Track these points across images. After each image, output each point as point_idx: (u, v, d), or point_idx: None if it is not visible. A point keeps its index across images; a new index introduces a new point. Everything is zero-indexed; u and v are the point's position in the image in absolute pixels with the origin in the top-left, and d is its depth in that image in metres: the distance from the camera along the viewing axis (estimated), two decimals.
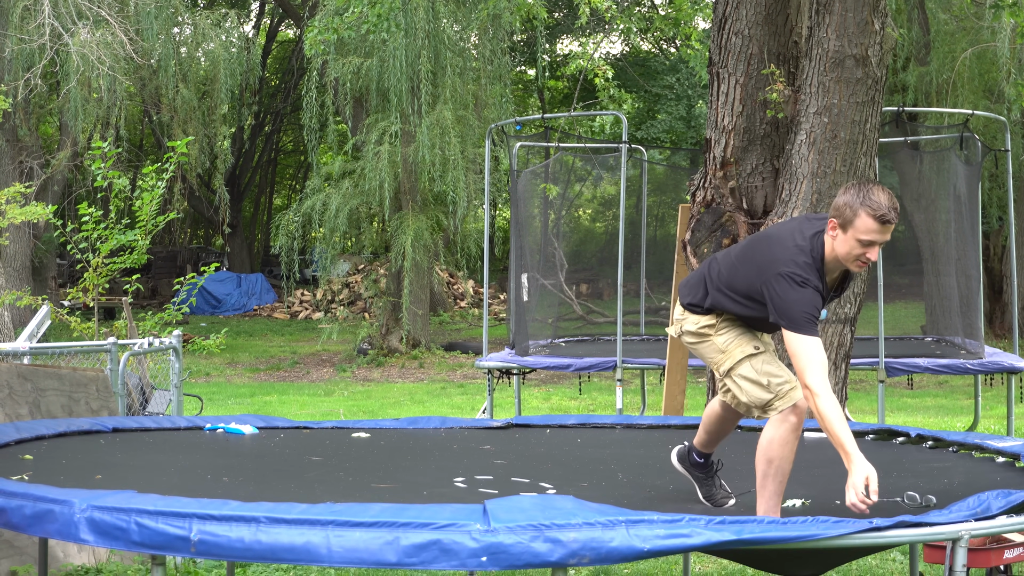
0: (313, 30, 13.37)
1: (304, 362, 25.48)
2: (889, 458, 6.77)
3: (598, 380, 20.15)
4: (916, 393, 19.39)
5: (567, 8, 33.55)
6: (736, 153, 9.42)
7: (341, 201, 24.06)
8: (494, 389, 13.68)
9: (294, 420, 8.57)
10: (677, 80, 33.56)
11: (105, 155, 13.24)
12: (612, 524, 4.43)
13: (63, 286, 33.64)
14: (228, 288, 37.48)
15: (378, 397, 20.03)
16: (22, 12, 22.71)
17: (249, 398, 19.67)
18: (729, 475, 6.15)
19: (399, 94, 22.82)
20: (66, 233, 13.35)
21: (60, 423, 7.49)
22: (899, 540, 4.83)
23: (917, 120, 18.39)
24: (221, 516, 4.47)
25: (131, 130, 33.09)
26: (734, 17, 9.40)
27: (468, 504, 4.72)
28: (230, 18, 29.21)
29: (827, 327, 9.15)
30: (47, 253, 30.61)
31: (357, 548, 4.39)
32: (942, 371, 12.82)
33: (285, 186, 52.80)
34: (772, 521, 4.62)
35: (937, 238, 16.75)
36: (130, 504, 4.60)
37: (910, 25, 23.56)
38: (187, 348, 14.21)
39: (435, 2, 22.86)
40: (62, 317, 13.54)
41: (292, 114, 42.24)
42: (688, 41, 14.78)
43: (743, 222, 9.38)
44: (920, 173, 19.51)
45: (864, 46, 8.76)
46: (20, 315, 21.94)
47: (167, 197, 23.49)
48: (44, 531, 4.77)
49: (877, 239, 5.39)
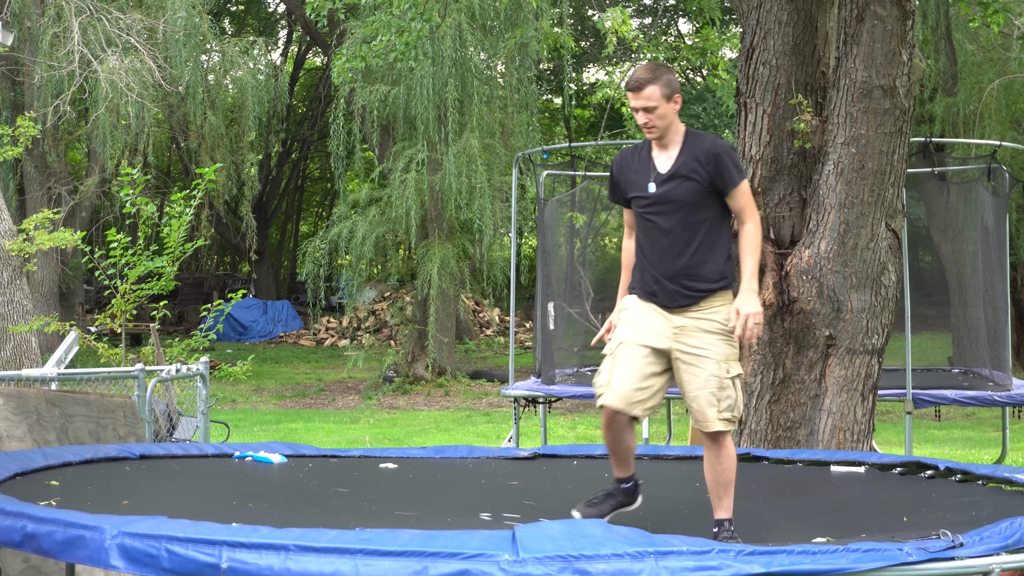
0: (341, 58, 13.42)
1: (330, 389, 25.51)
2: (919, 492, 6.73)
3: None
4: (943, 425, 19.31)
5: (594, 37, 33.63)
6: (763, 183, 9.42)
7: (368, 228, 24.12)
8: (520, 418, 13.67)
9: (322, 448, 8.57)
10: (703, 109, 33.56)
11: (134, 182, 13.30)
12: (641, 556, 4.40)
13: (90, 312, 33.78)
14: (254, 315, 37.57)
15: (404, 425, 20.03)
16: (52, 39, 22.85)
17: (275, 425, 19.69)
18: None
19: (426, 122, 22.89)
20: (94, 259, 13.41)
21: (87, 450, 7.51)
22: (930, 573, 4.79)
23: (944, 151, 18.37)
24: (250, 544, 4.47)
25: (159, 157, 33.26)
26: (762, 47, 9.40)
27: (497, 531, 4.70)
28: (258, 46, 29.37)
29: (854, 358, 9.12)
30: (74, 279, 30.72)
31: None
32: (969, 403, 12.76)
33: (312, 213, 52.96)
34: (802, 551, 4.60)
35: (964, 269, 16.69)
36: (160, 531, 4.61)
37: (937, 56, 23.53)
38: (213, 375, 14.24)
39: (462, 31, 22.94)
40: (89, 343, 13.59)
41: (319, 141, 42.40)
42: (715, 71, 14.80)
43: (770, 252, 9.37)
44: (947, 204, 19.45)
45: (892, 76, 8.76)
46: (47, 341, 22.03)
47: (195, 224, 23.59)
48: (75, 557, 4.77)
49: (635, 104, 6.01)
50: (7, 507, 5.11)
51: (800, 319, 9.11)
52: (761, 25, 9.40)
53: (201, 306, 15.70)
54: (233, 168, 28.38)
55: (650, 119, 5.99)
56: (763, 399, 9.23)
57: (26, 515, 4.99)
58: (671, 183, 6.01)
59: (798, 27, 9.34)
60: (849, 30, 8.83)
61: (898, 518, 5.92)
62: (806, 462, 7.79)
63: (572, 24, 30.79)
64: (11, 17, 22.30)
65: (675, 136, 6.07)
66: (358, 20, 22.30)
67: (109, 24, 21.47)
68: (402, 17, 12.41)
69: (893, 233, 9.18)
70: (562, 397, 13.63)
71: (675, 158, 6.03)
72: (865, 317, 9.09)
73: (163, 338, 22.48)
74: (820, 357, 9.17)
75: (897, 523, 5.76)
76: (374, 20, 13.19)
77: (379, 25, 12.81)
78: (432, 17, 12.52)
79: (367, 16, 19.30)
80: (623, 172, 6.22)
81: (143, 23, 22.87)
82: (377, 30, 12.87)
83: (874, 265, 9.07)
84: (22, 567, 7.26)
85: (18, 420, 8.15)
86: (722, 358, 5.96)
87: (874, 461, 7.63)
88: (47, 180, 27.68)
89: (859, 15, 8.75)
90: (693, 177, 5.96)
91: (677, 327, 5.99)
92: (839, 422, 9.10)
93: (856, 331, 9.08)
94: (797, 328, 9.14)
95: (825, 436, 9.11)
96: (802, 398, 9.21)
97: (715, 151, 5.98)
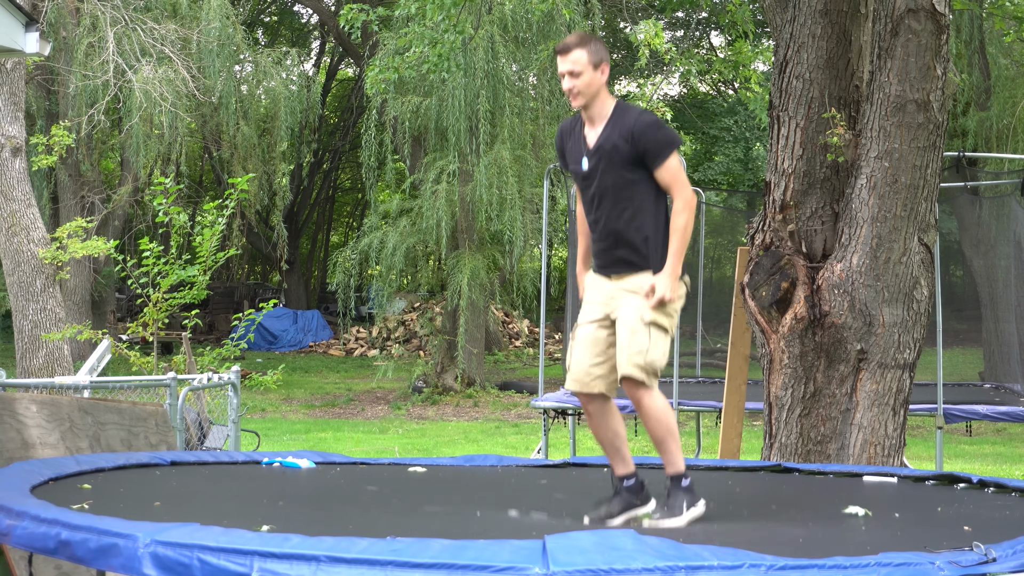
0: (374, 69, 13.47)
1: (359, 399, 25.55)
2: (951, 504, 6.70)
3: None
4: (974, 440, 19.22)
5: (626, 49, 33.62)
6: (796, 196, 9.40)
7: (398, 239, 24.16)
8: (549, 429, 13.67)
9: (350, 456, 8.59)
10: (735, 122, 33.55)
11: (167, 191, 13.37)
12: (671, 571, 4.39)
13: (122, 320, 33.95)
14: (284, 324, 37.66)
15: (432, 435, 20.05)
16: (87, 49, 22.99)
17: (304, 434, 19.74)
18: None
19: (457, 133, 22.94)
20: (127, 268, 13.48)
21: (119, 457, 7.55)
22: None
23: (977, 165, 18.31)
24: (282, 554, 4.48)
25: (191, 166, 33.42)
26: (795, 61, 9.39)
27: (527, 542, 4.69)
28: (291, 56, 29.51)
29: (885, 372, 9.09)
30: (107, 287, 30.88)
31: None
32: (1001, 418, 12.71)
33: (342, 223, 53.08)
34: (835, 566, 4.58)
35: (996, 284, 16.65)
36: (193, 539, 4.63)
37: (971, 70, 23.47)
38: (244, 384, 14.29)
39: (495, 43, 22.97)
40: (121, 351, 13.66)
41: (351, 152, 42.49)
42: (748, 84, 14.80)
43: (802, 265, 9.35)
44: (979, 218, 19.41)
45: (926, 91, 8.73)
46: (79, 349, 22.16)
47: (226, 233, 23.68)
48: (108, 565, 4.80)
49: (561, 68, 6.03)
50: (42, 514, 5.15)
51: (831, 333, 9.09)
52: (795, 38, 9.39)
53: (232, 315, 15.77)
54: (265, 178, 28.50)
55: (575, 85, 6.01)
56: (794, 413, 9.21)
57: (61, 522, 5.02)
58: (597, 158, 6.04)
59: (832, 40, 9.33)
60: (883, 44, 8.82)
61: (930, 530, 5.89)
62: (837, 474, 7.76)
63: (604, 36, 30.79)
64: (47, 27, 22.43)
65: (602, 110, 6.08)
66: (391, 32, 22.38)
67: (144, 34, 21.58)
68: (435, 29, 12.46)
69: (926, 247, 9.15)
70: None
71: (600, 133, 6.06)
72: (897, 331, 9.06)
73: (194, 347, 22.56)
74: (851, 371, 9.14)
75: (929, 535, 5.74)
76: (407, 32, 13.24)
77: (412, 37, 12.86)
78: (465, 29, 12.55)
79: (400, 28, 19.39)
80: (564, 143, 6.30)
81: (177, 33, 22.99)
82: (410, 41, 12.92)
83: (906, 279, 9.04)
84: (54, 574, 7.30)
85: (51, 427, 8.20)
86: (641, 305, 5.94)
87: (905, 475, 7.60)
88: (80, 189, 27.84)
89: (893, 29, 8.73)
90: (616, 153, 5.97)
91: (612, 293, 6.06)
92: (870, 436, 9.07)
93: (888, 345, 9.06)
94: (828, 342, 9.12)
95: (856, 450, 9.08)
96: (833, 412, 9.18)
97: (638, 126, 5.97)
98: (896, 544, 5.39)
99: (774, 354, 9.32)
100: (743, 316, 10.62)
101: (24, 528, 5.13)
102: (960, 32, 22.13)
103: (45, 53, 9.18)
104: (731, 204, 30.65)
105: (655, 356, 5.90)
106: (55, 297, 16.76)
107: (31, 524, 5.12)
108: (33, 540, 5.09)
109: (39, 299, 16.57)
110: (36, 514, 5.16)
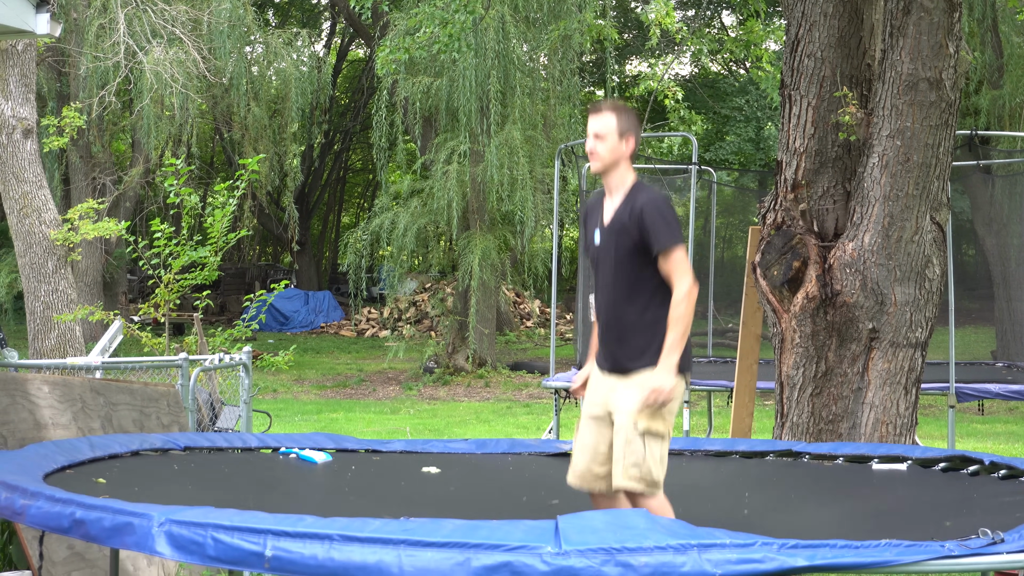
0: (385, 50, 13.46)
1: (370, 380, 25.57)
2: (961, 490, 6.69)
3: None
4: (986, 419, 19.18)
5: (637, 29, 33.55)
6: (807, 175, 9.39)
7: (409, 220, 24.14)
8: (560, 409, 13.68)
9: (363, 440, 8.59)
10: (746, 102, 33.44)
11: (178, 172, 13.37)
12: (684, 548, 4.41)
13: (133, 301, 33.98)
14: (296, 305, 37.65)
15: (444, 416, 20.06)
16: (97, 31, 22.97)
17: (316, 415, 19.75)
18: None
19: (468, 114, 22.90)
20: (138, 249, 13.48)
21: (133, 439, 7.56)
22: (972, 567, 4.78)
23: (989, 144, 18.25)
24: (295, 533, 4.50)
25: (202, 148, 33.41)
26: (807, 39, 9.38)
27: (539, 522, 4.71)
28: (301, 37, 29.46)
29: (897, 352, 9.09)
30: (118, 268, 30.90)
31: (428, 568, 4.40)
32: (1013, 397, 12.70)
33: (353, 204, 53.05)
34: (845, 546, 4.59)
35: (1008, 263, 16.63)
36: (207, 519, 4.65)
37: (983, 48, 23.38)
38: (255, 364, 14.30)
39: (505, 23, 22.92)
40: (133, 332, 13.67)
41: (361, 133, 42.46)
42: (759, 63, 14.78)
43: (813, 244, 9.35)
44: (992, 197, 19.36)
45: (938, 69, 8.72)
46: (91, 329, 22.21)
47: (237, 214, 23.69)
48: (122, 543, 4.82)
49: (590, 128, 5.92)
50: (56, 494, 5.17)
51: (843, 312, 9.09)
52: (807, 17, 9.38)
53: (243, 296, 15.77)
54: (276, 159, 28.47)
55: (596, 147, 5.87)
56: (805, 392, 9.21)
57: (75, 502, 5.05)
58: (608, 234, 5.87)
59: (844, 19, 9.31)
60: (895, 22, 8.80)
61: (940, 517, 5.89)
62: (848, 457, 7.75)
63: (615, 16, 30.70)
64: (58, 9, 22.41)
65: (620, 182, 5.90)
66: (401, 12, 22.35)
67: (154, 15, 21.56)
68: (446, 9, 12.45)
69: (938, 226, 9.14)
70: None
71: (615, 209, 5.89)
72: (909, 310, 9.05)
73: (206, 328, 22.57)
74: (863, 350, 9.14)
75: (939, 523, 5.73)
76: (418, 12, 13.22)
77: (423, 17, 12.85)
78: (476, 9, 12.54)
79: (411, 8, 19.36)
80: (587, 215, 6.11)
81: (188, 15, 22.97)
82: (421, 22, 12.91)
83: (918, 258, 9.03)
84: (66, 553, 7.33)
85: (63, 408, 8.22)
86: (634, 410, 5.71)
87: (917, 456, 7.59)
88: (92, 170, 27.84)
89: (905, 7, 8.71)
90: (625, 232, 5.77)
91: (610, 387, 5.92)
92: (881, 415, 9.08)
93: (900, 324, 9.05)
94: (840, 321, 9.12)
95: (867, 429, 9.09)
96: (844, 391, 9.18)
97: (642, 206, 5.75)
98: (906, 525, 5.40)
99: (785, 333, 9.32)
100: (755, 295, 10.62)
101: (39, 507, 5.15)
102: (972, 10, 22.04)
103: (56, 34, 9.18)
104: (742, 184, 30.56)
105: (651, 466, 5.69)
106: (67, 278, 16.77)
107: (45, 504, 5.14)
108: (48, 519, 5.11)
109: (51, 280, 16.58)
110: (51, 494, 5.19)
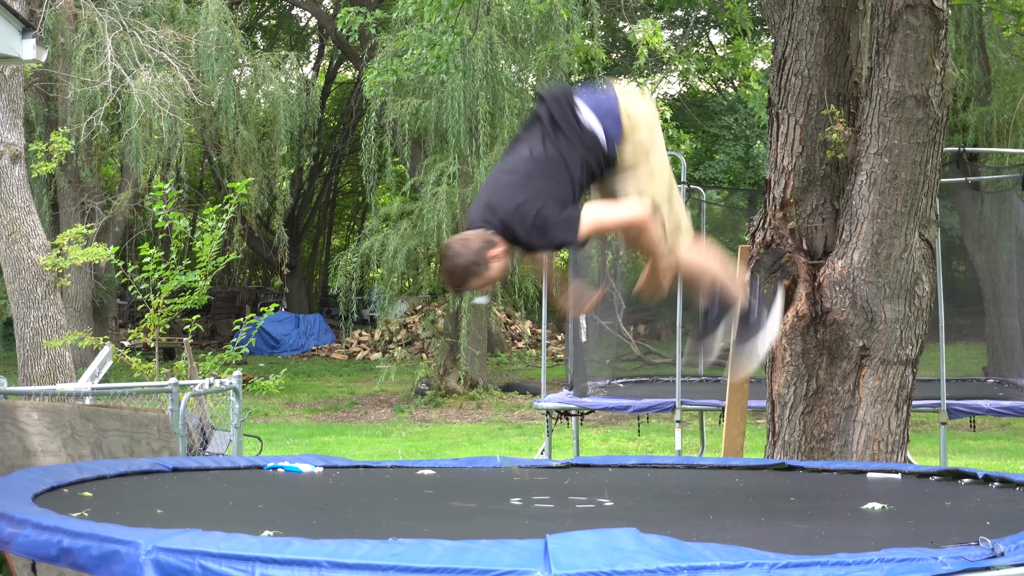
0: (373, 72, 13.47)
1: (362, 402, 25.54)
2: (956, 499, 6.68)
3: (656, 421, 20.07)
4: (978, 435, 19.20)
5: (625, 49, 33.62)
6: (796, 194, 9.39)
7: (399, 242, 24.15)
8: (552, 430, 13.67)
9: (355, 460, 8.57)
10: (735, 120, 33.52)
11: (166, 196, 13.36)
12: (674, 571, 4.39)
13: (123, 326, 33.92)
14: (286, 328, 37.62)
15: (436, 438, 20.04)
16: (85, 55, 22.98)
17: (307, 439, 19.73)
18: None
19: (457, 135, 22.93)
20: (127, 274, 13.47)
21: (121, 463, 7.54)
22: None
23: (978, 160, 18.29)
24: (283, 560, 4.48)
25: (191, 171, 33.38)
26: (793, 58, 9.38)
27: (529, 543, 4.69)
28: (289, 60, 29.49)
29: (888, 369, 9.08)
30: (107, 294, 30.87)
31: None
32: (1005, 413, 12.70)
33: (343, 227, 53.06)
34: (837, 563, 4.56)
35: (999, 279, 16.63)
36: (194, 546, 4.62)
37: (970, 65, 23.46)
38: (246, 389, 14.28)
39: (493, 44, 22.97)
40: (123, 357, 13.65)
41: (351, 155, 42.47)
42: (747, 82, 14.81)
43: (803, 263, 9.34)
44: (981, 213, 19.37)
45: (925, 86, 8.72)
46: (81, 355, 22.15)
47: (227, 238, 23.68)
48: (110, 572, 4.79)
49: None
50: (44, 521, 5.14)
51: (833, 330, 9.08)
52: (793, 36, 9.38)
53: (234, 320, 15.75)
54: (265, 182, 28.49)
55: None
56: (796, 410, 9.20)
57: (62, 530, 5.02)
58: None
59: (830, 37, 9.32)
60: (881, 40, 8.80)
61: (936, 526, 5.87)
62: (841, 471, 7.73)
63: (603, 36, 30.75)
64: (45, 33, 22.42)
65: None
66: (389, 34, 22.38)
67: (142, 39, 21.58)
68: (433, 31, 12.45)
69: (927, 243, 9.14)
70: (594, 409, 13.62)
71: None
72: (899, 327, 9.05)
73: (196, 352, 22.54)
74: (854, 368, 9.13)
75: (935, 531, 5.72)
76: (405, 34, 13.25)
77: (410, 39, 12.87)
78: (463, 30, 12.55)
79: (398, 30, 19.39)
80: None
81: (175, 38, 23.00)
82: (408, 44, 12.93)
83: (908, 275, 9.03)
84: None
85: (53, 435, 8.19)
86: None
87: (910, 471, 7.57)
88: (80, 195, 27.84)
89: (892, 25, 8.72)
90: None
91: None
92: (873, 433, 9.06)
93: (890, 342, 9.05)
94: (830, 339, 9.11)
95: (859, 447, 9.07)
96: (836, 409, 9.17)
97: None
98: (900, 540, 5.37)
99: (776, 352, 9.31)
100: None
101: (26, 536, 5.12)
102: (959, 27, 22.11)
103: (42, 60, 9.18)
104: (732, 202, 30.60)
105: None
106: (56, 304, 16.76)
107: (33, 532, 5.11)
108: (35, 548, 5.08)
109: (40, 306, 16.56)
110: (38, 522, 5.16)
